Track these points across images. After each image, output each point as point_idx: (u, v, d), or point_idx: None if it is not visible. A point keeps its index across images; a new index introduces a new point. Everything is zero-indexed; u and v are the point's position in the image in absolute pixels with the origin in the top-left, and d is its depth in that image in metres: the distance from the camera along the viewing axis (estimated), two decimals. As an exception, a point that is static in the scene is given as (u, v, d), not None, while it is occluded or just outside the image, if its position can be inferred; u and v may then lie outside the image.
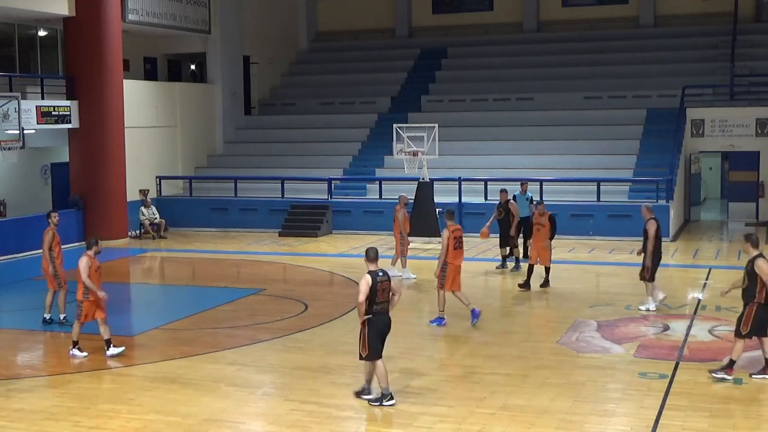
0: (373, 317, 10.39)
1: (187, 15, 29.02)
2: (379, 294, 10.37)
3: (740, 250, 15.73)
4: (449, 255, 14.34)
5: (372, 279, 10.32)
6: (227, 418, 10.35)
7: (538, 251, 17.36)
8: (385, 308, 10.50)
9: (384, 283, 10.43)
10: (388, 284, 10.48)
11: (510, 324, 14.84)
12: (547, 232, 17.25)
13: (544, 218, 17.32)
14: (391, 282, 10.55)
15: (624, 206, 24.45)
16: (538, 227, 17.36)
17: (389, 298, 10.52)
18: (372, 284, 10.29)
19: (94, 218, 24.44)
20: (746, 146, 26.92)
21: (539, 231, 17.30)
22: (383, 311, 10.49)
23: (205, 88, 31.04)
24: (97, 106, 24.32)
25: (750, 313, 11.26)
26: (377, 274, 10.41)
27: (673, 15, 32.94)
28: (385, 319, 10.54)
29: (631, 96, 29.53)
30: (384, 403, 10.49)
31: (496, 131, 29.06)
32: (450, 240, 14.30)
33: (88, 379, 12.01)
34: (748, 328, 11.26)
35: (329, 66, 35.01)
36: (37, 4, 23.43)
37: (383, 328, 10.52)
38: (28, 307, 17.17)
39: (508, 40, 33.94)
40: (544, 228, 17.28)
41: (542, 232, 17.28)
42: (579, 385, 11.26)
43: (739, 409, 10.30)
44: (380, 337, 10.49)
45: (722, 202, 31.41)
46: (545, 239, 17.26)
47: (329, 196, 26.90)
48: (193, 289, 19.02)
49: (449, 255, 14.34)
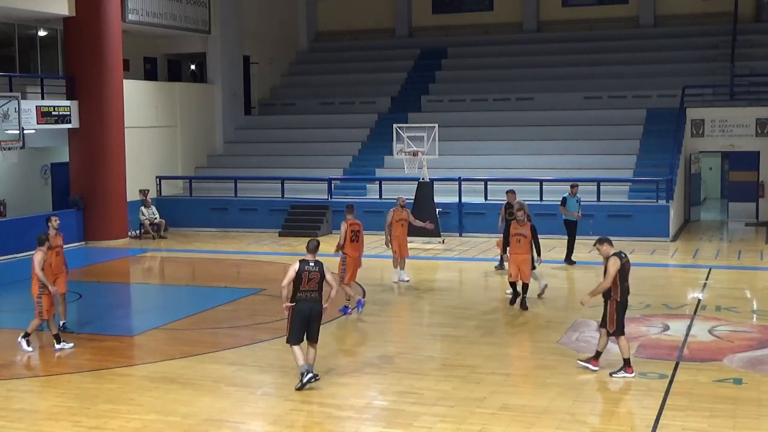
0: (296, 303, 11.13)
1: (187, 15, 29.03)
2: (304, 282, 11.10)
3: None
4: (347, 247, 15.48)
5: (299, 267, 11.16)
6: (227, 418, 10.35)
7: (518, 265, 15.47)
8: (311, 296, 11.16)
9: (312, 273, 11.16)
10: (317, 275, 11.17)
11: (510, 324, 14.84)
12: (528, 244, 15.53)
13: (525, 228, 15.56)
14: (325, 275, 11.24)
15: (624, 206, 24.47)
16: (518, 238, 15.53)
17: (317, 288, 11.19)
18: (298, 271, 11.11)
19: (94, 218, 24.45)
20: (746, 146, 26.93)
21: (520, 243, 15.51)
22: (308, 299, 11.15)
23: (205, 88, 31.04)
24: (97, 106, 24.33)
25: (612, 311, 11.59)
26: (307, 263, 11.22)
27: (673, 15, 32.94)
28: (309, 306, 11.15)
29: (631, 96, 29.54)
30: (303, 380, 11.11)
31: (496, 131, 29.07)
32: (348, 233, 15.47)
33: (88, 379, 12.00)
34: (614, 326, 11.56)
35: (329, 66, 35.01)
36: (37, 4, 23.43)
37: (306, 315, 11.14)
38: (28, 307, 17.15)
39: (508, 40, 33.94)
40: (525, 239, 15.53)
41: (523, 244, 15.53)
42: (579, 385, 11.26)
43: (739, 409, 10.30)
44: (302, 322, 11.14)
45: (722, 202, 31.41)
46: (527, 251, 15.54)
47: (329, 196, 26.90)
48: (193, 289, 19.02)
49: (347, 247, 15.48)
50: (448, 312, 15.19)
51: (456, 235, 24.54)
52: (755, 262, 20.63)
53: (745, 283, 18.77)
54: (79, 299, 17.65)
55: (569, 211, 20.15)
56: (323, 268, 11.27)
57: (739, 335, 13.69)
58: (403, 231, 18.07)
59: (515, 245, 15.48)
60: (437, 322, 15.24)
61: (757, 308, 15.87)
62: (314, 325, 11.26)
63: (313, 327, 11.25)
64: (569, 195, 20.26)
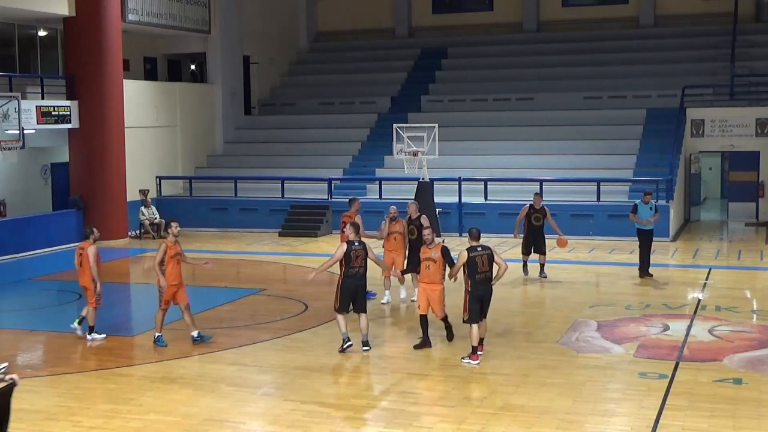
0: (348, 278, 12.72)
1: (187, 15, 29.02)
2: (353, 260, 12.67)
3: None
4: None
5: (348, 246, 12.69)
6: (227, 418, 10.34)
7: (427, 296, 12.97)
8: (359, 272, 12.78)
9: (359, 251, 12.70)
10: (362, 252, 12.73)
11: (510, 324, 14.83)
12: (440, 269, 12.94)
13: (434, 250, 12.95)
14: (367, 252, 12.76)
15: (624, 206, 24.33)
16: (427, 264, 12.97)
17: (363, 264, 12.78)
18: (346, 251, 12.65)
19: (94, 218, 24.34)
20: (746, 146, 26.93)
21: (429, 269, 12.94)
22: (356, 275, 12.77)
23: (205, 88, 31.04)
24: (97, 106, 24.32)
25: (465, 300, 12.38)
26: (353, 243, 12.74)
27: (673, 15, 32.94)
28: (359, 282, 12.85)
29: (630, 96, 29.54)
30: (346, 349, 12.80)
31: (496, 131, 29.07)
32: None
33: (88, 379, 12.00)
34: (467, 315, 12.36)
35: (329, 66, 35.01)
36: (37, 4, 23.43)
37: (355, 288, 12.83)
38: (28, 307, 17.21)
39: (508, 40, 33.95)
40: (435, 264, 12.91)
41: (434, 271, 12.91)
42: (579, 385, 11.26)
43: (739, 409, 10.30)
44: (351, 295, 12.83)
45: (722, 202, 31.41)
46: (439, 281, 12.96)
47: (329, 196, 26.90)
48: (193, 289, 18.89)
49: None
50: (448, 312, 15.14)
51: (456, 235, 24.53)
52: (755, 262, 20.63)
53: (745, 283, 18.77)
54: (79, 299, 17.65)
55: (640, 219, 18.42)
56: (366, 247, 12.82)
57: (739, 335, 13.68)
58: (398, 245, 16.00)
59: (424, 272, 13.06)
60: (437, 323, 15.20)
61: (757, 308, 15.86)
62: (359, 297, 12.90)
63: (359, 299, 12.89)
64: (641, 202, 18.55)
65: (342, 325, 12.85)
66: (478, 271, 12.26)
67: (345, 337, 12.84)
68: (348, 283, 12.74)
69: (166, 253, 13.28)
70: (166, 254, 13.29)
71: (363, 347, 12.86)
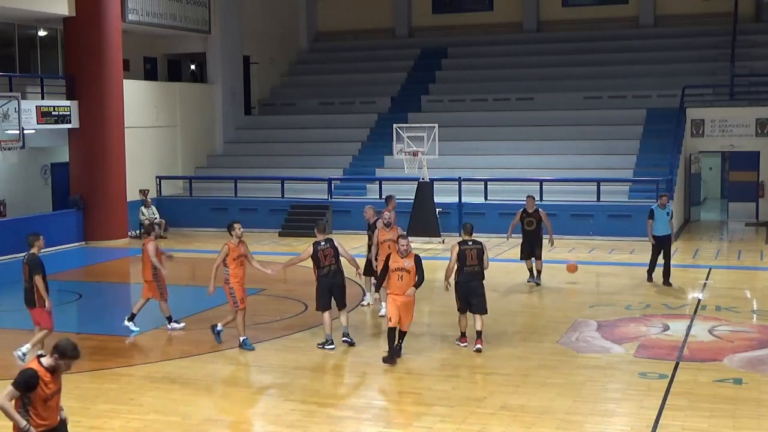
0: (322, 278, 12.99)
1: (187, 15, 29.03)
2: (322, 260, 12.98)
3: (741, 250, 15.61)
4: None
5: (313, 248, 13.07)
6: (227, 418, 10.35)
7: (399, 308, 12.20)
8: (332, 270, 13.04)
9: (326, 250, 13.03)
10: (330, 250, 13.04)
11: (510, 324, 14.83)
12: (412, 280, 12.26)
13: (408, 260, 12.29)
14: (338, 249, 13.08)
15: (624, 206, 24.48)
16: (399, 274, 12.23)
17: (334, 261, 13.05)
18: (313, 251, 12.99)
19: (94, 218, 24.45)
20: (746, 146, 26.93)
21: (402, 280, 12.23)
22: (329, 274, 13.04)
23: (205, 88, 31.04)
24: (97, 106, 24.32)
25: (456, 291, 12.99)
26: (319, 243, 13.10)
27: (673, 15, 32.94)
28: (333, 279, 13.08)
29: (630, 96, 29.54)
30: (326, 347, 12.96)
31: (496, 131, 29.07)
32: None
33: (88, 379, 11.99)
34: (459, 304, 12.97)
35: (329, 66, 35.01)
36: (37, 4, 23.43)
37: (330, 286, 13.08)
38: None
39: (508, 40, 33.94)
40: (409, 275, 12.23)
41: (406, 281, 12.23)
42: (579, 385, 11.26)
43: (739, 409, 10.30)
44: (328, 293, 13.07)
45: (722, 202, 31.42)
46: (410, 290, 12.28)
47: (329, 196, 26.90)
48: (193, 289, 18.99)
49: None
50: (448, 312, 15.15)
51: (456, 236, 24.50)
52: (755, 262, 20.63)
53: (745, 283, 18.78)
54: (79, 299, 17.67)
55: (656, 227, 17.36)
56: (335, 244, 13.08)
57: (739, 335, 13.69)
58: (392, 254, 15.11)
59: (395, 283, 12.28)
60: (437, 322, 15.23)
61: (757, 308, 15.87)
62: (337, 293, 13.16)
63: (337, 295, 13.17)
64: (657, 206, 17.55)
65: (327, 325, 13.06)
66: (467, 264, 12.85)
67: (328, 338, 13.07)
68: (323, 282, 13.07)
69: (228, 255, 12.97)
70: (228, 256, 12.97)
71: (342, 338, 13.17)
